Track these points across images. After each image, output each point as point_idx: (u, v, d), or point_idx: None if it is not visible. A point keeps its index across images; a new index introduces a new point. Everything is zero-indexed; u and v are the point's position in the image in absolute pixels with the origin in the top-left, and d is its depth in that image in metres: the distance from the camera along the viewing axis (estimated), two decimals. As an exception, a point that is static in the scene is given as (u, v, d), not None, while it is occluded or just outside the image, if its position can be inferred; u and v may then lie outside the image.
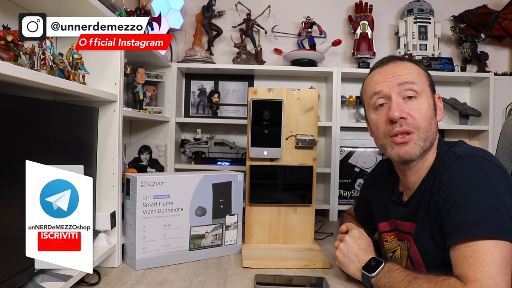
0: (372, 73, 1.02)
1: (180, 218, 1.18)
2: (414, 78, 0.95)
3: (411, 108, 0.93)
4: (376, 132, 1.00)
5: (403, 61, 1.00)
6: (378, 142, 1.01)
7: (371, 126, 1.04)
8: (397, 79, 0.95)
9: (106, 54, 1.13)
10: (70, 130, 0.99)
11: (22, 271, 0.79)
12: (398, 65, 0.98)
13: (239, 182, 1.30)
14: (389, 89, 0.95)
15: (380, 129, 0.98)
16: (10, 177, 0.75)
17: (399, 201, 1.04)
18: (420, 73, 0.98)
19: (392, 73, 0.97)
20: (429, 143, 0.94)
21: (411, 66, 0.98)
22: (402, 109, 0.93)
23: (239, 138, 2.05)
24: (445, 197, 0.86)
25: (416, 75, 0.96)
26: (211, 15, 2.01)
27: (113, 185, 1.13)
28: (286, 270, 1.14)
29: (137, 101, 1.55)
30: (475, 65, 2.07)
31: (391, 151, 0.96)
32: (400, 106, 0.93)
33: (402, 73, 0.96)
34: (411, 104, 0.94)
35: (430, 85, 0.99)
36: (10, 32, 0.77)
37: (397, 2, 2.13)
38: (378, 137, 1.00)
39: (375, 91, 0.98)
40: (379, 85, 0.97)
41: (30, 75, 0.73)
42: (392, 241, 1.09)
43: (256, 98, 1.32)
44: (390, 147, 0.96)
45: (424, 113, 0.93)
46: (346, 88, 2.04)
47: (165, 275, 1.08)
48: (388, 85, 0.96)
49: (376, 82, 0.98)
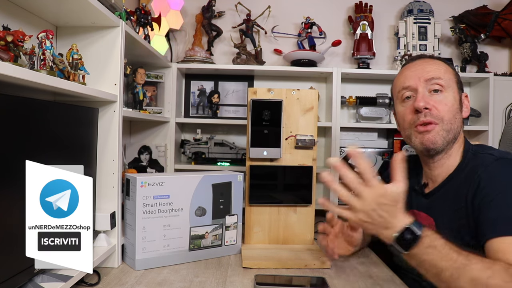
0: (403, 69, 1.08)
1: (180, 218, 1.18)
2: (441, 73, 1.00)
3: (436, 100, 0.98)
4: (402, 123, 1.05)
5: (432, 58, 1.06)
6: (404, 133, 1.05)
7: (398, 118, 1.08)
8: (424, 74, 1.00)
9: (106, 54, 1.13)
10: (70, 131, 0.99)
11: (22, 271, 0.79)
12: (427, 62, 1.03)
13: (239, 183, 1.30)
14: (416, 83, 1.00)
15: (406, 120, 1.03)
16: (10, 177, 0.75)
17: (421, 192, 1.06)
18: (447, 70, 1.02)
19: (421, 69, 1.02)
20: (452, 135, 0.98)
21: (439, 63, 1.03)
22: (427, 101, 0.97)
23: (239, 138, 2.05)
24: (484, 194, 0.88)
25: (443, 71, 1.01)
26: (211, 16, 2.01)
27: (113, 186, 1.13)
28: (286, 270, 1.14)
29: (137, 102, 1.55)
30: (475, 65, 2.08)
31: (414, 140, 1.01)
32: (426, 98, 0.98)
33: (430, 69, 1.01)
34: (437, 97, 0.98)
35: (457, 83, 1.02)
36: (10, 33, 0.76)
37: (397, 2, 2.13)
38: (404, 127, 1.04)
39: (403, 85, 1.03)
40: (408, 80, 1.03)
41: (30, 75, 0.73)
42: None
43: (256, 98, 1.32)
44: (414, 136, 1.00)
45: (449, 106, 0.98)
46: (346, 88, 2.04)
47: (165, 275, 1.08)
48: (415, 80, 1.01)
49: (405, 77, 1.04)
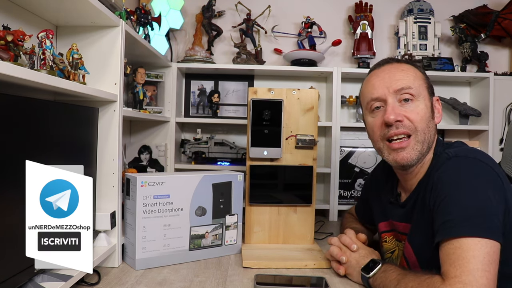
0: (370, 76, 1.02)
1: (180, 218, 1.18)
2: (411, 81, 0.94)
3: (407, 110, 0.93)
4: (372, 135, 1.00)
5: (400, 63, 1.00)
6: (375, 145, 1.01)
7: (368, 129, 1.03)
8: (393, 84, 0.94)
9: (106, 54, 1.13)
10: (70, 130, 0.99)
11: (22, 271, 0.79)
12: (395, 68, 0.97)
13: (239, 182, 1.30)
14: (385, 94, 0.95)
15: (376, 132, 0.98)
16: (10, 177, 0.75)
17: (397, 202, 1.05)
18: (417, 76, 0.97)
19: (388, 78, 0.96)
20: (426, 146, 0.94)
21: (408, 68, 0.98)
22: (398, 112, 0.93)
23: (239, 138, 2.05)
24: (435, 197, 0.87)
25: (412, 78, 0.95)
26: (211, 15, 2.01)
27: (113, 185, 1.13)
28: (286, 270, 1.14)
29: (137, 101, 1.55)
30: (475, 65, 2.07)
31: (388, 156, 0.96)
32: (396, 109, 0.93)
33: (399, 77, 0.95)
34: (408, 106, 0.94)
35: (427, 88, 0.98)
36: (10, 32, 0.76)
37: (397, 2, 2.13)
38: (374, 140, 1.00)
39: (372, 96, 0.98)
40: (376, 90, 0.97)
41: (30, 75, 0.73)
42: (391, 242, 1.09)
43: (256, 98, 1.32)
44: (387, 152, 0.96)
45: (421, 115, 0.93)
46: (346, 88, 2.04)
47: (165, 275, 1.08)
48: (384, 90, 0.95)
49: (373, 87, 0.98)
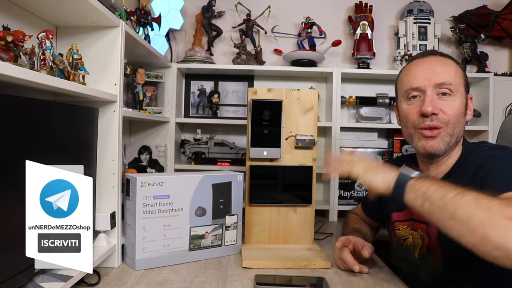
0: (411, 65, 1.04)
1: (180, 218, 1.18)
2: (451, 78, 0.97)
3: (444, 104, 0.96)
4: (405, 122, 1.03)
5: (444, 57, 1.02)
6: (406, 131, 1.03)
7: (400, 115, 1.06)
8: (435, 77, 0.97)
9: (106, 54, 1.13)
10: (70, 130, 0.99)
11: (22, 271, 0.79)
12: (438, 61, 1.00)
13: (239, 183, 1.30)
14: (425, 85, 0.97)
15: (409, 119, 1.00)
16: (10, 178, 0.75)
17: None
18: (457, 72, 0.99)
19: (431, 70, 0.98)
20: (454, 139, 0.97)
21: (450, 63, 1.00)
22: (435, 105, 0.96)
23: (239, 138, 2.05)
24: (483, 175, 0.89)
25: (453, 74, 0.98)
26: (211, 16, 2.01)
27: (113, 186, 1.13)
28: (286, 270, 1.14)
29: (137, 102, 1.55)
30: (475, 65, 2.08)
31: (417, 142, 0.99)
32: (434, 102, 0.96)
33: (440, 71, 0.97)
34: (445, 100, 0.97)
35: (465, 85, 1.00)
36: (10, 33, 0.76)
37: (397, 2, 2.13)
38: (407, 126, 1.02)
39: (411, 86, 1.00)
40: (417, 80, 0.99)
41: (30, 75, 0.73)
42: (404, 230, 1.10)
43: (256, 98, 1.32)
44: (418, 138, 0.99)
45: (455, 110, 0.96)
46: (346, 88, 2.04)
47: (165, 275, 1.08)
48: (425, 82, 0.98)
49: (414, 76, 1.00)
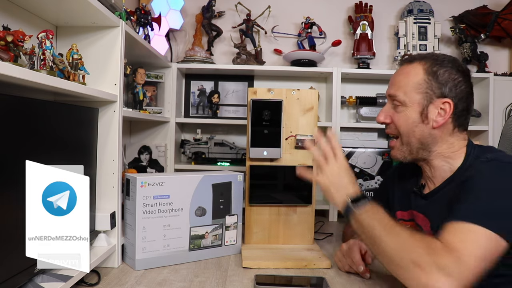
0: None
1: (180, 218, 1.18)
2: (401, 88, 0.99)
3: (396, 115, 1.01)
4: None
5: (411, 63, 1.01)
6: None
7: None
8: (389, 89, 1.04)
9: (106, 54, 1.13)
10: (70, 130, 0.99)
11: (22, 271, 0.78)
12: (399, 71, 1.04)
13: (239, 183, 1.30)
14: (386, 95, 1.06)
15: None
16: (10, 178, 0.75)
17: (420, 193, 1.06)
18: (415, 80, 0.97)
19: (391, 80, 1.05)
20: (415, 148, 1.00)
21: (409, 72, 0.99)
22: (385, 115, 1.03)
23: (239, 138, 2.05)
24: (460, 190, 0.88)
25: (405, 84, 0.98)
26: (211, 16, 2.01)
27: (113, 186, 1.13)
28: (286, 270, 1.14)
29: (137, 102, 1.55)
30: (475, 65, 2.08)
31: None
32: (385, 112, 1.03)
33: (393, 82, 1.03)
34: (398, 111, 1.01)
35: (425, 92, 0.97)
36: (10, 33, 0.76)
37: (397, 2, 2.13)
38: None
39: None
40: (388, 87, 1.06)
41: (30, 75, 0.73)
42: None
43: (256, 98, 1.32)
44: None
45: (406, 121, 0.99)
46: (346, 88, 2.04)
47: (165, 275, 1.08)
48: (387, 91, 1.05)
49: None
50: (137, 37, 1.30)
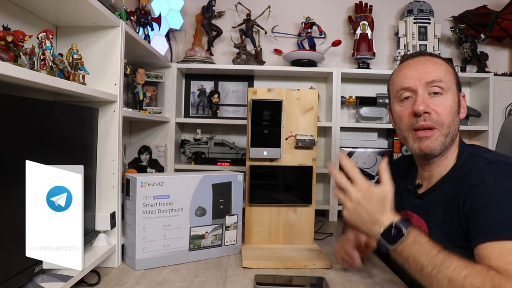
0: (402, 66, 1.04)
1: (180, 218, 1.18)
2: (442, 75, 0.96)
3: (435, 103, 0.95)
4: (399, 124, 1.02)
5: (433, 56, 1.02)
6: (400, 133, 1.03)
7: (394, 117, 1.05)
8: (425, 76, 0.96)
9: (106, 54, 1.13)
10: (70, 130, 0.99)
11: (22, 271, 0.79)
12: (428, 61, 0.99)
13: (239, 183, 1.30)
14: (416, 85, 0.97)
15: (403, 121, 0.99)
16: (10, 178, 0.75)
17: (414, 192, 1.05)
18: (448, 70, 0.99)
19: (421, 69, 0.98)
20: (450, 139, 0.96)
21: (440, 62, 1.00)
22: (427, 104, 0.94)
23: (239, 138, 2.05)
24: (475, 199, 0.85)
25: (444, 72, 0.97)
26: (211, 16, 2.01)
27: (113, 186, 1.13)
28: (286, 270, 1.14)
29: (137, 102, 1.55)
30: (475, 65, 2.08)
31: (412, 144, 0.98)
32: (426, 101, 0.95)
33: (431, 70, 0.97)
34: (437, 100, 0.95)
35: (456, 83, 0.99)
36: (10, 33, 0.76)
37: (397, 2, 2.13)
38: (400, 128, 1.02)
39: (402, 86, 0.99)
40: (408, 80, 0.98)
41: (30, 75, 0.73)
42: None
43: (256, 98, 1.32)
44: (412, 140, 0.98)
45: (448, 109, 0.95)
46: (346, 88, 2.04)
47: (165, 275, 1.08)
48: (415, 81, 0.97)
49: (405, 76, 0.99)
50: (137, 37, 1.30)
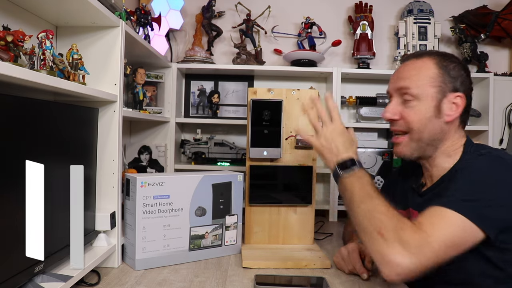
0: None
1: (180, 218, 1.18)
2: (414, 81, 0.97)
3: (405, 110, 0.98)
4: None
5: (419, 58, 1.00)
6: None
7: None
8: (397, 82, 1.00)
9: (106, 54, 1.13)
10: (70, 131, 0.99)
11: (22, 271, 0.78)
12: (406, 66, 1.02)
13: (239, 183, 1.30)
14: (391, 91, 1.02)
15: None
16: (10, 178, 0.75)
17: (418, 191, 1.06)
18: (427, 74, 0.97)
19: (397, 74, 1.02)
20: (425, 143, 0.98)
21: (419, 67, 0.98)
22: (393, 111, 0.99)
23: (239, 138, 2.05)
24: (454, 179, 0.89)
25: (417, 78, 0.97)
26: (211, 16, 2.01)
27: (113, 186, 1.13)
28: (286, 270, 1.14)
29: (137, 102, 1.55)
30: (475, 65, 2.08)
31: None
32: (393, 109, 1.00)
33: (403, 76, 0.99)
34: (407, 106, 0.98)
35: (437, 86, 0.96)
36: (10, 33, 0.76)
37: (397, 2, 2.13)
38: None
39: (386, 90, 1.06)
40: (389, 85, 1.04)
41: (30, 75, 0.73)
42: None
43: (256, 98, 1.32)
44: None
45: (419, 116, 0.96)
46: (346, 88, 2.04)
47: (165, 275, 1.08)
48: (392, 87, 1.03)
49: (390, 81, 1.05)
50: (137, 37, 1.30)
